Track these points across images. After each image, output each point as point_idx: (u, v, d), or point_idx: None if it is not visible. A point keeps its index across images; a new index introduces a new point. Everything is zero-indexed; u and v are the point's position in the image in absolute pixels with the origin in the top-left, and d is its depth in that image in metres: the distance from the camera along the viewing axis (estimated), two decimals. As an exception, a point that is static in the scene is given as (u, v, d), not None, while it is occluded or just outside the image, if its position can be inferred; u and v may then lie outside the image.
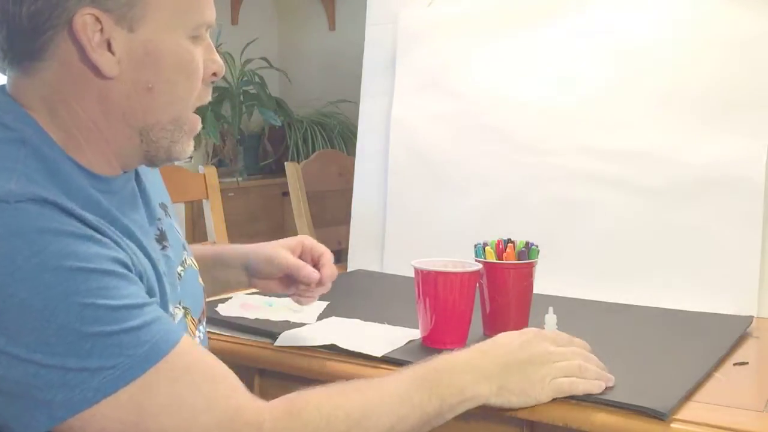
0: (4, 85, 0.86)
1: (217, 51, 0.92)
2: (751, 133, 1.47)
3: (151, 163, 0.91)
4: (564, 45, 1.69)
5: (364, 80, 1.97)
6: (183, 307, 0.96)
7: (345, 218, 1.97)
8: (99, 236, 0.77)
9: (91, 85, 0.82)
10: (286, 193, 2.32)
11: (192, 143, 0.92)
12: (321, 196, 2.29)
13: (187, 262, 1.02)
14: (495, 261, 1.24)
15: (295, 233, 2.17)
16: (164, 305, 0.87)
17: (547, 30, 1.71)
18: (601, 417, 0.94)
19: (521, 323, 1.23)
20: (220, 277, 1.23)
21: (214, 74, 0.90)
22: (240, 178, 3.51)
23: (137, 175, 0.96)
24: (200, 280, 1.06)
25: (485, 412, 1.02)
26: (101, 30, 0.80)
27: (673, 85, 1.56)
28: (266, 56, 3.75)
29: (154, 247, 0.91)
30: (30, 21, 0.80)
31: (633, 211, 1.56)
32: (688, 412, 0.94)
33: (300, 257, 1.19)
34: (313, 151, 3.50)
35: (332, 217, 2.22)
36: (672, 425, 0.91)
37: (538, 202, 1.65)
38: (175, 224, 1.03)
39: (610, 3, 1.65)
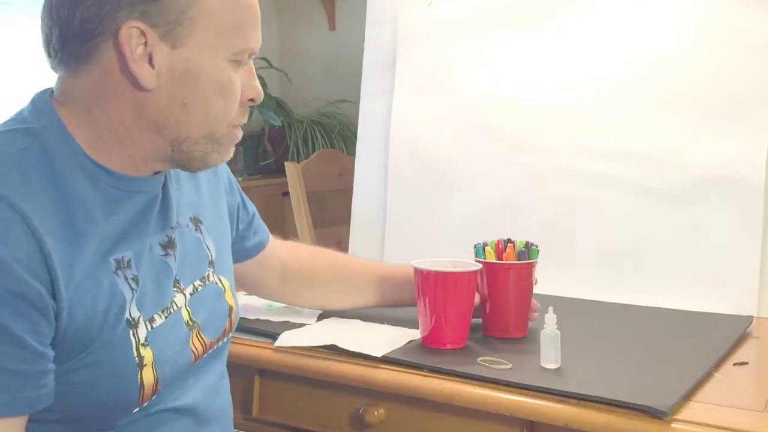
0: (51, 88, 0.91)
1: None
2: (751, 133, 1.47)
3: (186, 169, 0.94)
4: (564, 45, 1.69)
5: (364, 80, 1.97)
6: (192, 321, 0.96)
7: (345, 218, 1.97)
8: (16, 267, 0.77)
9: (128, 95, 0.86)
10: (286, 193, 2.32)
11: (232, 149, 0.95)
12: (321, 196, 2.29)
13: (210, 279, 1.02)
14: (494, 261, 1.24)
15: (294, 233, 2.17)
16: (120, 308, 0.85)
17: (548, 30, 1.71)
18: (601, 417, 0.94)
19: (521, 324, 1.24)
20: (392, 295, 1.32)
21: (251, 100, 0.93)
22: (240, 178, 3.50)
23: (166, 182, 0.97)
24: (229, 298, 1.05)
25: (485, 412, 1.02)
26: (145, 43, 0.84)
27: (674, 85, 1.56)
28: (266, 56, 3.74)
29: (147, 250, 0.91)
30: (81, 26, 0.84)
31: (633, 211, 1.56)
32: (688, 412, 0.94)
33: None
34: (313, 151, 3.50)
35: (332, 217, 2.22)
36: (672, 425, 0.91)
37: (538, 202, 1.65)
38: (208, 241, 1.03)
39: (610, 4, 1.65)
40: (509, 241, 1.27)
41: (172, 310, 0.93)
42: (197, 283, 0.99)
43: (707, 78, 1.53)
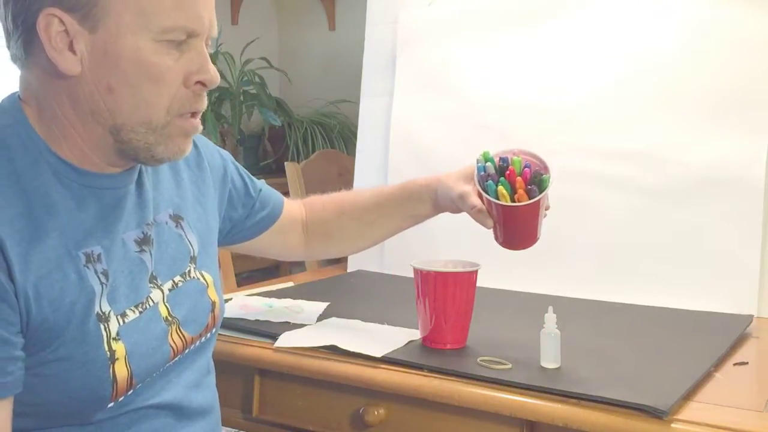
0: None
1: (219, 52, 0.92)
2: (751, 133, 1.47)
3: (137, 161, 0.92)
4: (564, 45, 1.69)
5: (364, 80, 1.97)
6: (171, 317, 0.95)
7: (345, 218, 1.96)
8: None
9: (61, 84, 0.86)
10: (286, 193, 2.32)
11: (185, 143, 0.91)
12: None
13: (192, 274, 1.01)
14: (503, 203, 1.12)
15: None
16: (89, 302, 0.85)
17: (548, 30, 1.71)
18: (601, 417, 0.94)
19: (533, 236, 1.15)
20: (411, 211, 1.29)
21: (201, 83, 0.88)
22: (240, 178, 3.50)
23: (141, 179, 0.97)
24: (212, 294, 1.04)
25: (485, 412, 1.02)
26: (65, 30, 0.83)
27: (674, 85, 1.56)
28: (266, 56, 3.74)
29: (120, 246, 0.90)
30: (13, 21, 0.84)
31: (633, 211, 1.56)
32: (688, 412, 0.94)
33: None
34: (313, 151, 3.50)
35: (332, 217, 2.21)
36: (672, 425, 0.91)
37: (538, 202, 1.65)
38: (190, 236, 1.03)
39: (610, 3, 1.65)
40: (501, 165, 1.16)
41: (147, 306, 0.93)
42: (177, 278, 0.99)
43: (707, 78, 1.53)
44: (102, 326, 0.86)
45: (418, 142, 1.83)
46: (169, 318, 0.95)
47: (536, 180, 1.13)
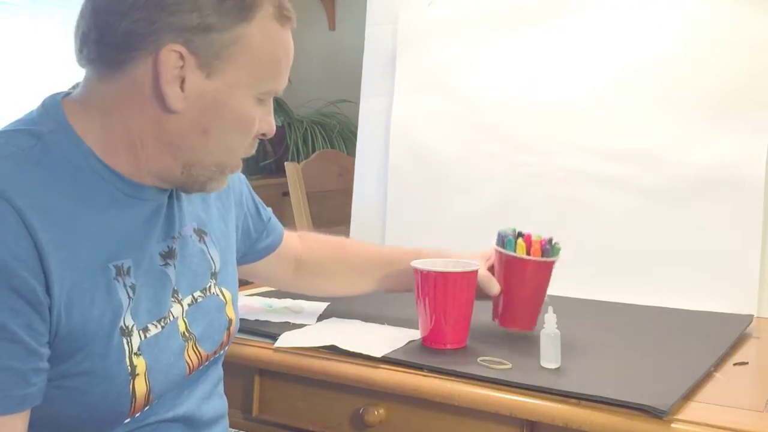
0: (67, 92, 0.92)
1: None
2: (751, 133, 1.47)
3: (183, 191, 0.96)
4: (564, 45, 1.69)
5: (364, 80, 1.97)
6: (188, 332, 0.96)
7: (345, 218, 1.97)
8: (11, 262, 0.77)
9: (153, 112, 0.87)
10: (286, 193, 2.32)
11: (226, 180, 0.97)
12: (321, 196, 2.29)
13: (212, 290, 1.02)
14: (523, 256, 1.21)
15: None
16: (115, 315, 0.85)
17: (548, 30, 1.71)
18: (601, 417, 0.94)
19: (532, 318, 1.22)
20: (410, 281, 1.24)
21: (264, 134, 0.95)
22: (240, 179, 3.50)
23: (172, 193, 0.97)
24: (229, 312, 1.05)
25: (485, 412, 1.02)
26: (182, 67, 0.85)
27: (674, 85, 1.56)
28: (266, 56, 3.74)
29: (147, 259, 0.91)
30: (124, 36, 0.85)
31: (633, 211, 1.56)
32: (688, 412, 0.94)
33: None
34: (313, 151, 3.50)
35: (332, 217, 2.22)
36: (672, 425, 0.91)
37: (538, 202, 1.65)
38: (212, 252, 1.03)
39: (610, 3, 1.65)
40: (520, 233, 1.25)
41: (168, 321, 0.92)
42: (197, 294, 0.99)
43: (707, 77, 1.53)
44: (125, 341, 0.86)
45: (418, 142, 1.83)
46: (187, 334, 0.95)
47: (550, 244, 1.24)
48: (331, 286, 1.37)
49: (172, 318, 0.93)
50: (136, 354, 0.87)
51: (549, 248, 1.23)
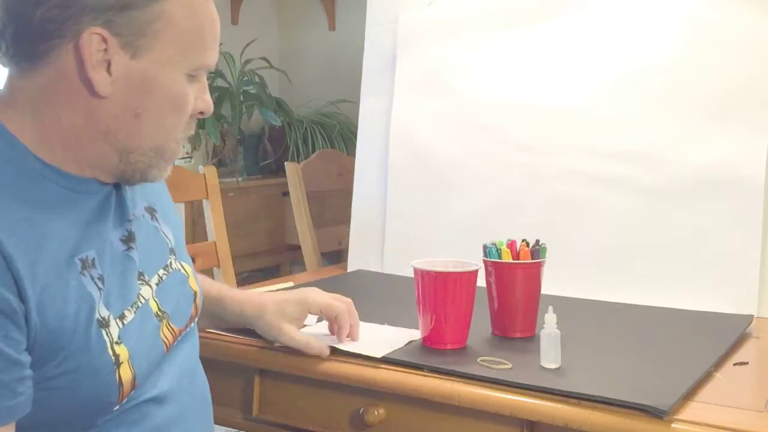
0: None
1: (219, 52, 0.94)
2: (751, 133, 1.47)
3: (125, 181, 0.94)
4: (564, 45, 1.69)
5: (364, 80, 1.97)
6: (161, 311, 0.96)
7: (345, 218, 1.97)
8: None
9: (82, 100, 0.85)
10: (286, 193, 2.32)
11: (170, 168, 0.95)
12: (321, 196, 2.29)
13: (173, 266, 1.02)
14: (509, 261, 1.24)
15: (295, 233, 2.17)
16: (90, 309, 0.84)
17: (547, 30, 1.71)
18: (601, 417, 0.94)
19: (530, 323, 1.24)
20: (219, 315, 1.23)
21: (201, 112, 0.94)
22: (240, 178, 3.51)
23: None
24: (192, 284, 1.05)
25: (485, 412, 1.02)
26: (105, 50, 0.83)
27: (674, 85, 1.56)
28: (266, 56, 3.74)
29: (108, 247, 0.89)
30: (41, 25, 0.82)
31: (633, 211, 1.56)
32: (688, 411, 0.94)
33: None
34: (313, 151, 3.50)
35: (332, 217, 2.22)
36: (672, 425, 0.91)
37: (538, 202, 1.65)
38: (165, 228, 1.03)
39: (610, 3, 1.65)
40: (523, 240, 1.28)
41: (140, 304, 0.92)
42: (161, 272, 0.99)
43: (707, 78, 1.53)
44: (104, 332, 0.85)
45: (418, 142, 1.83)
46: (160, 313, 0.95)
47: (537, 246, 1.25)
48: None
49: (143, 300, 0.93)
50: (117, 343, 0.86)
51: (537, 250, 1.24)
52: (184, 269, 1.04)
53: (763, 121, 1.47)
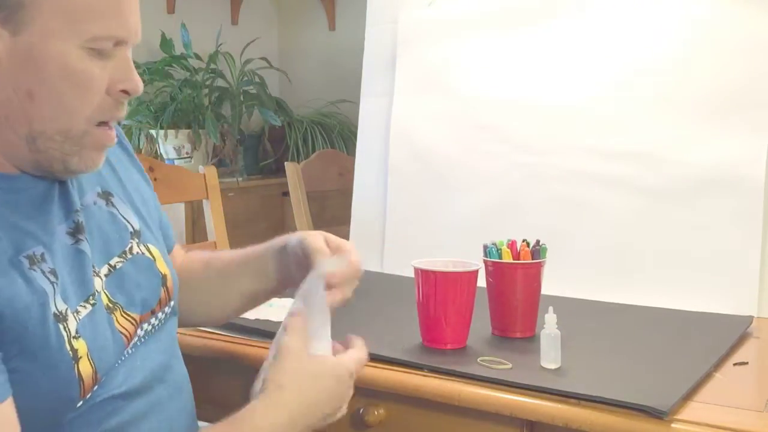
0: None
1: (219, 52, 0.90)
2: (751, 133, 1.47)
3: (50, 173, 0.88)
4: (564, 45, 1.69)
5: (364, 80, 1.97)
6: (112, 303, 0.92)
7: (345, 218, 1.97)
8: None
9: None
10: (286, 193, 2.32)
11: (99, 156, 0.89)
12: (321, 196, 2.29)
13: (135, 250, 0.98)
14: (510, 261, 1.24)
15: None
16: (43, 304, 0.82)
17: (548, 30, 1.71)
18: (601, 417, 0.94)
19: (530, 323, 1.24)
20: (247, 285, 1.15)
21: (125, 91, 0.86)
22: (240, 178, 3.50)
23: None
24: (161, 266, 1.01)
25: (485, 412, 1.02)
26: None
27: (674, 85, 1.56)
28: (266, 56, 3.74)
29: (57, 241, 0.87)
30: None
31: (633, 211, 1.56)
32: (688, 412, 0.94)
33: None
34: (313, 151, 3.50)
35: (332, 217, 2.22)
36: (672, 425, 0.91)
37: (538, 202, 1.65)
38: (125, 212, 0.99)
39: (610, 3, 1.65)
40: (523, 241, 1.27)
41: (96, 297, 0.90)
42: (115, 260, 0.95)
43: (707, 78, 1.53)
44: (61, 326, 0.83)
45: (418, 142, 1.83)
46: (110, 305, 0.92)
47: (538, 246, 1.25)
48: (210, 306, 1.19)
49: (97, 293, 0.90)
50: (75, 337, 0.84)
51: (537, 250, 1.24)
52: (149, 252, 1.00)
53: (763, 121, 1.47)
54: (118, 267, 0.95)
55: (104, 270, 0.93)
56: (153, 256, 1.01)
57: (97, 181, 0.98)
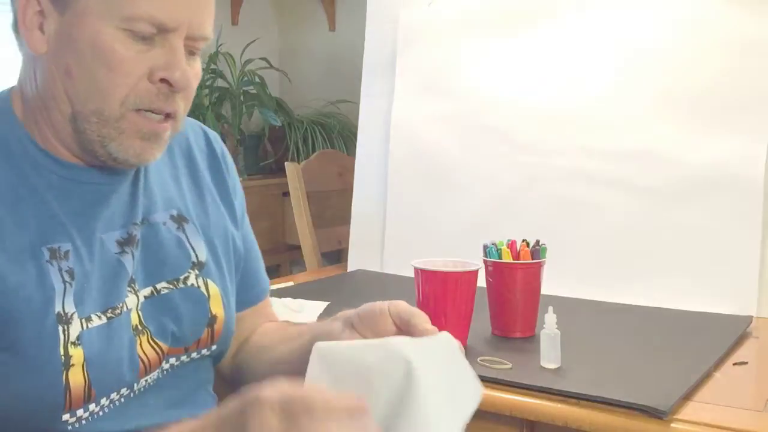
0: None
1: (219, 52, 0.89)
2: (751, 133, 1.47)
3: (96, 158, 0.86)
4: (564, 45, 1.69)
5: (364, 80, 1.97)
6: (141, 326, 0.88)
7: (345, 218, 1.97)
8: None
9: (32, 66, 0.85)
10: (286, 193, 2.32)
11: (144, 148, 0.85)
12: (321, 196, 2.28)
13: (190, 281, 0.94)
14: (510, 261, 1.24)
15: (295, 233, 2.17)
16: (47, 299, 0.80)
17: (548, 30, 1.71)
18: (601, 417, 0.94)
19: (529, 323, 1.24)
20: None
21: (165, 81, 0.83)
22: (240, 178, 3.51)
23: (137, 178, 0.92)
24: (214, 307, 0.95)
25: (485, 412, 1.02)
26: (41, 11, 0.82)
27: (673, 85, 1.56)
28: (266, 56, 3.74)
29: (96, 245, 0.86)
30: (11, 5, 0.84)
31: (633, 211, 1.56)
32: (688, 411, 0.94)
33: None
34: (313, 151, 3.50)
35: (332, 217, 2.22)
36: (672, 425, 0.91)
37: (538, 203, 1.65)
38: (195, 241, 0.96)
39: (610, 3, 1.65)
40: (523, 241, 1.28)
41: (119, 312, 0.86)
42: (162, 285, 0.92)
43: (707, 78, 1.53)
44: (61, 328, 0.80)
45: (418, 142, 1.83)
46: (139, 327, 0.88)
47: (537, 246, 1.25)
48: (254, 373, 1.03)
49: (125, 309, 0.86)
50: (73, 343, 0.81)
51: (537, 250, 1.24)
52: (206, 288, 0.95)
53: (763, 121, 1.47)
54: (162, 292, 0.92)
55: (146, 291, 0.90)
56: (209, 294, 0.96)
57: (176, 204, 0.96)
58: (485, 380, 1.03)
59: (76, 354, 0.81)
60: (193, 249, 0.96)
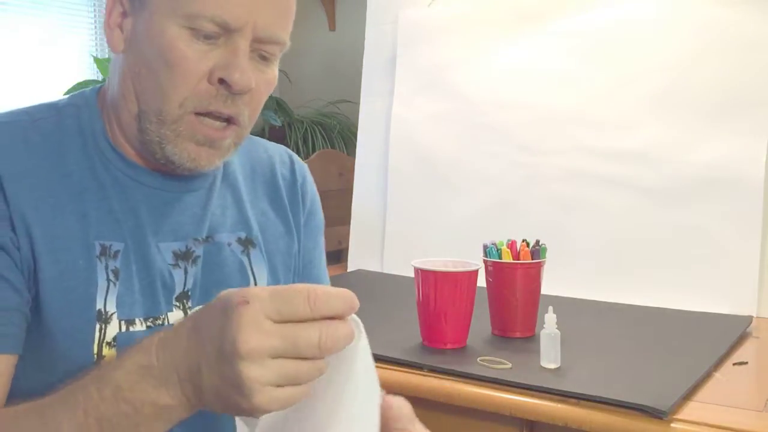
0: None
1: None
2: (751, 133, 1.47)
3: (155, 159, 0.85)
4: (564, 45, 1.69)
5: (364, 80, 1.97)
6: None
7: (345, 218, 1.97)
8: None
9: (114, 62, 0.87)
10: (286, 193, 2.32)
11: (198, 153, 0.83)
12: (321, 196, 2.28)
13: None
14: (510, 261, 1.25)
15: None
16: (89, 294, 0.80)
17: (547, 30, 1.71)
18: (601, 417, 0.94)
19: (529, 323, 1.24)
20: None
21: (223, 81, 0.81)
22: (240, 178, 3.51)
23: (211, 193, 0.91)
24: None
25: (485, 412, 1.02)
26: (124, 12, 0.84)
27: (673, 85, 1.56)
28: (266, 56, 3.75)
29: (150, 250, 0.85)
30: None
31: (633, 210, 1.56)
32: (688, 411, 0.94)
33: None
34: (313, 151, 3.49)
35: (332, 217, 2.21)
36: (672, 425, 0.91)
37: (538, 202, 1.66)
38: (258, 269, 0.93)
39: (609, 4, 1.65)
40: (523, 241, 1.28)
41: (163, 323, 0.85)
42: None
43: (707, 77, 1.53)
44: (98, 326, 0.80)
45: (418, 142, 1.83)
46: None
47: (537, 246, 1.25)
48: None
49: (167, 322, 0.85)
50: (108, 343, 0.80)
51: (537, 250, 1.25)
52: None
53: (763, 121, 1.47)
54: None
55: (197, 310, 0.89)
56: None
57: (247, 227, 0.94)
58: (485, 380, 1.04)
59: (110, 355, 0.79)
60: (254, 275, 0.93)
